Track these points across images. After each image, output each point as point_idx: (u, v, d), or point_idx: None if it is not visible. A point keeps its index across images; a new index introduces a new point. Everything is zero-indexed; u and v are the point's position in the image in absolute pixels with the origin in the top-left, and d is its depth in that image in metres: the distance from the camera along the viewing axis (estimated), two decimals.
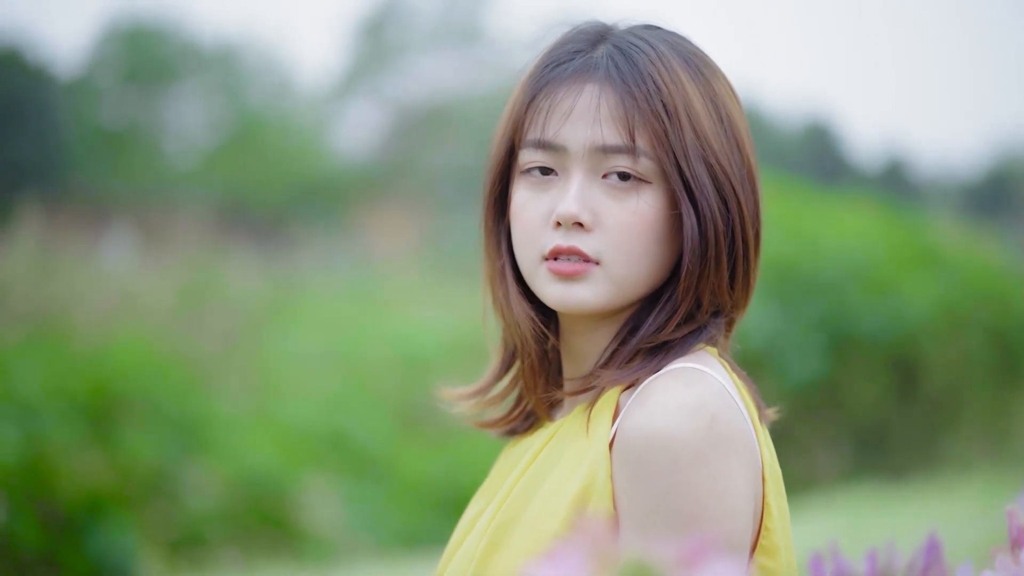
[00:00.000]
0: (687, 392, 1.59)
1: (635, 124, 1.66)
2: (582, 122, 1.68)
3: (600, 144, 1.67)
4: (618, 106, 1.67)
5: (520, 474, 1.72)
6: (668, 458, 1.54)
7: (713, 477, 1.55)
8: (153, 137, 25.31)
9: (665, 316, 1.70)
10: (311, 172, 25.46)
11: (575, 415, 1.71)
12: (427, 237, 21.98)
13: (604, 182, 1.68)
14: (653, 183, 1.67)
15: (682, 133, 1.66)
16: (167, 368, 7.73)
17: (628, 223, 1.66)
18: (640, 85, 1.67)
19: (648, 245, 1.67)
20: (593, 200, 1.67)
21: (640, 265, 1.68)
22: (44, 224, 9.37)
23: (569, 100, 1.69)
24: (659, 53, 1.70)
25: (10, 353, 7.39)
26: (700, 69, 1.71)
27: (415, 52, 29.55)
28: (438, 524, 8.31)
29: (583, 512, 1.59)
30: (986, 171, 28.29)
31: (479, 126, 28.97)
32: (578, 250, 1.66)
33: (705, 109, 1.68)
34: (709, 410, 1.57)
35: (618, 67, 1.68)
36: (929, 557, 1.25)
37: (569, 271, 1.67)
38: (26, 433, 6.76)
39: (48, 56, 22.93)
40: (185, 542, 7.13)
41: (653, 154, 1.66)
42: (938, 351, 9.80)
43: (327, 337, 9.79)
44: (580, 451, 1.66)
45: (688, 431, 1.55)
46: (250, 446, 7.61)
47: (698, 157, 1.66)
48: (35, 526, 6.59)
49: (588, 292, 1.68)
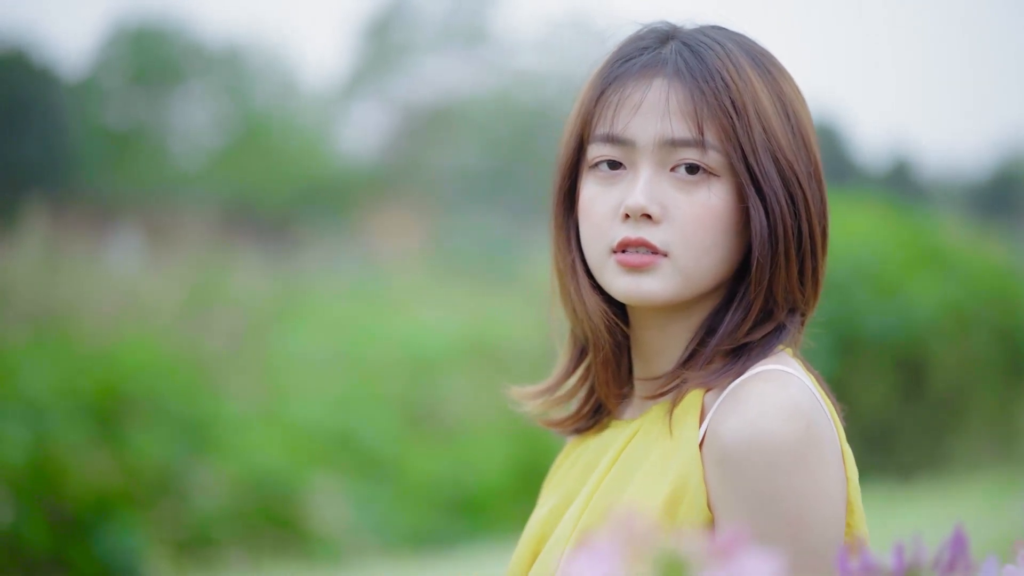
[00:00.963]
0: (782, 395, 1.61)
1: (703, 118, 1.68)
2: (651, 116, 1.69)
3: (669, 137, 1.68)
4: (687, 100, 1.68)
5: (603, 474, 1.73)
6: (769, 462, 1.57)
7: (812, 481, 1.58)
8: (158, 138, 25.34)
9: (742, 313, 1.71)
10: (316, 173, 25.49)
11: (655, 415, 1.72)
12: (432, 237, 22.00)
13: (672, 175, 1.69)
14: (721, 176, 1.69)
15: (750, 128, 1.68)
16: (174, 368, 7.75)
17: (696, 215, 1.67)
18: (709, 80, 1.69)
19: (716, 237, 1.68)
20: (662, 193, 1.68)
21: (708, 257, 1.69)
22: (50, 225, 9.38)
23: (638, 94, 1.70)
24: (727, 51, 1.72)
25: (17, 353, 7.41)
26: (768, 68, 1.73)
27: (420, 53, 29.57)
28: (444, 524, 8.32)
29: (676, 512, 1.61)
30: (991, 171, 28.29)
31: (484, 127, 29.00)
32: (647, 242, 1.67)
33: (773, 107, 1.70)
34: (804, 413, 1.60)
35: (687, 62, 1.70)
36: (955, 551, 1.25)
37: (637, 263, 1.68)
38: (34, 433, 6.77)
39: (53, 57, 22.96)
40: (193, 542, 7.14)
41: (721, 148, 1.68)
42: (945, 351, 9.80)
43: (333, 337, 9.81)
44: (665, 453, 1.67)
45: (787, 434, 1.58)
46: (257, 446, 7.62)
47: (766, 152, 1.68)
48: (43, 526, 6.60)
49: (656, 284, 1.68)
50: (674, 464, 1.64)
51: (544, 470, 8.21)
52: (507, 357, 10.07)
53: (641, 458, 1.70)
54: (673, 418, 1.67)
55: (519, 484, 8.90)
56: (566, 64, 30.18)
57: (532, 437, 9.19)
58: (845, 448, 1.66)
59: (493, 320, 10.89)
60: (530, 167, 28.23)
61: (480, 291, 12.87)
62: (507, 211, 25.80)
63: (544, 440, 9.26)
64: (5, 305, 8.08)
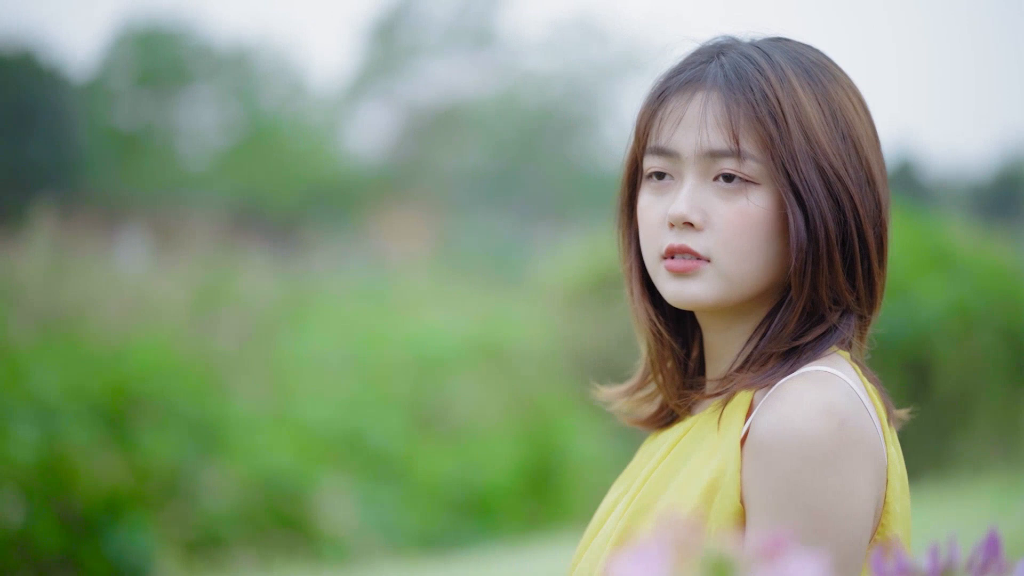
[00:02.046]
0: (818, 394, 1.68)
1: (739, 128, 1.76)
2: (691, 129, 1.78)
3: (708, 148, 1.77)
4: (723, 112, 1.77)
5: (655, 465, 1.82)
6: (797, 457, 1.65)
7: (839, 478, 1.65)
8: (166, 139, 25.37)
9: (788, 314, 1.78)
10: (324, 174, 25.51)
11: (707, 414, 1.80)
12: (439, 238, 22.01)
13: (715, 184, 1.77)
14: (761, 184, 1.77)
15: (790, 137, 1.75)
16: (183, 369, 7.77)
17: (736, 222, 1.76)
18: (746, 92, 1.77)
19: (756, 242, 1.76)
20: (704, 201, 1.77)
21: (750, 262, 1.77)
22: (58, 226, 9.39)
23: (680, 108, 1.80)
24: (772, 62, 1.79)
25: (26, 354, 7.43)
26: (818, 77, 1.80)
27: (427, 55, 29.58)
28: (453, 525, 8.34)
29: (711, 502, 1.69)
30: (996, 172, 28.26)
31: (491, 128, 28.99)
32: (688, 248, 1.77)
33: (819, 115, 1.77)
34: (838, 413, 1.67)
35: (726, 76, 1.79)
36: (988, 553, 1.27)
37: (681, 268, 1.77)
38: (44, 433, 6.80)
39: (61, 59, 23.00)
40: (201, 542, 7.16)
41: (760, 157, 1.76)
42: (950, 352, 9.81)
43: (341, 339, 9.83)
44: (712, 445, 1.75)
45: (817, 432, 1.65)
46: (266, 447, 7.65)
47: (808, 159, 1.75)
48: (53, 526, 6.63)
49: (700, 288, 1.77)
50: (716, 458, 1.72)
51: (552, 471, 8.26)
52: (514, 358, 10.10)
53: (692, 451, 1.78)
54: (722, 415, 1.76)
55: (527, 485, 8.92)
56: (572, 66, 30.18)
57: (539, 438, 9.21)
58: (890, 452, 1.74)
59: (500, 321, 10.91)
60: (536, 168, 28.23)
61: (487, 292, 12.90)
62: (513, 212, 25.81)
63: (551, 441, 9.28)
64: (14, 306, 8.11)
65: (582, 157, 29.51)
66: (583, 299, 11.19)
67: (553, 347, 10.58)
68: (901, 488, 1.74)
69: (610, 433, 10.12)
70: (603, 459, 9.76)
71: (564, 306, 11.27)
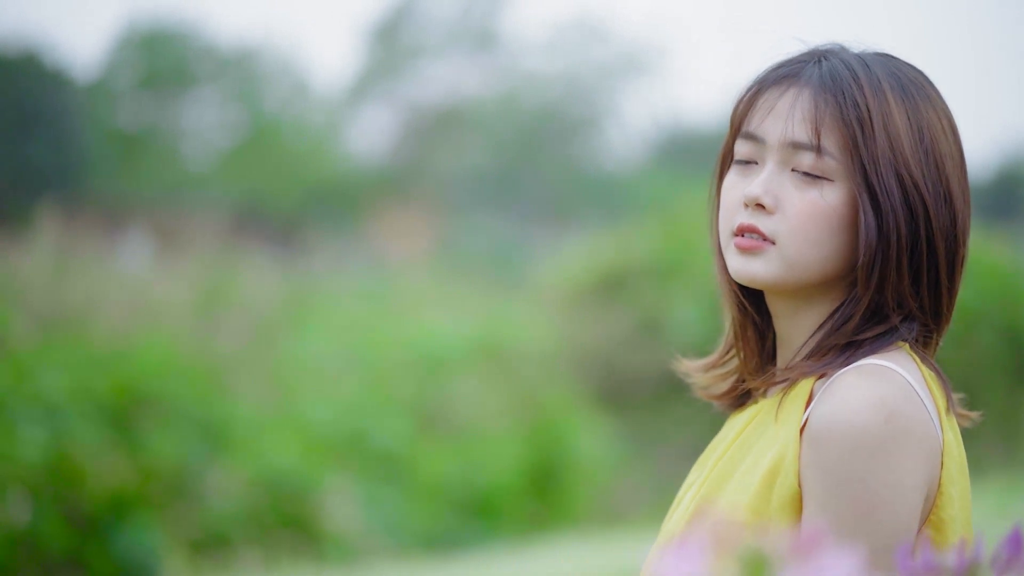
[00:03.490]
0: (868, 387, 1.79)
1: (823, 126, 1.87)
2: (780, 119, 1.90)
3: (791, 139, 1.88)
4: (811, 108, 1.88)
5: (724, 451, 1.93)
6: (848, 447, 1.76)
7: (887, 468, 1.76)
8: (169, 140, 25.38)
9: (851, 308, 1.89)
10: (326, 175, 25.51)
11: (772, 400, 1.91)
12: (440, 239, 22.03)
13: (792, 174, 1.89)
14: (836, 181, 1.87)
15: (874, 142, 1.86)
16: (188, 370, 7.80)
17: (805, 211, 1.86)
18: (836, 95, 1.88)
19: (820, 234, 1.87)
20: (779, 187, 1.88)
21: (814, 251, 1.87)
22: (61, 227, 9.41)
23: (773, 99, 1.92)
24: (869, 73, 1.90)
25: (32, 355, 7.45)
26: (912, 93, 1.91)
27: (429, 56, 29.59)
28: (456, 525, 8.37)
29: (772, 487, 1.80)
30: (995, 173, 28.27)
31: (492, 129, 28.99)
32: (756, 228, 1.88)
33: (907, 127, 1.88)
34: (887, 405, 1.77)
35: (821, 76, 1.90)
36: (1012, 550, 1.30)
37: (747, 246, 1.89)
38: (51, 434, 6.83)
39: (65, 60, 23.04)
40: (208, 542, 7.19)
41: (839, 156, 1.87)
42: (950, 352, 9.84)
43: (343, 340, 9.84)
44: (773, 434, 1.86)
45: (866, 423, 1.76)
46: (270, 447, 7.67)
47: (889, 165, 1.85)
48: (60, 526, 6.66)
49: (760, 266, 1.89)
50: (776, 445, 1.83)
51: (555, 471, 8.30)
52: (517, 358, 10.12)
53: (752, 444, 1.89)
54: (783, 403, 1.87)
55: (530, 485, 8.95)
56: (573, 66, 30.18)
57: (542, 438, 9.24)
58: (947, 439, 1.83)
59: (502, 322, 10.93)
60: (537, 169, 28.24)
61: (488, 293, 12.90)
62: (514, 213, 25.82)
63: (554, 441, 9.31)
64: (18, 307, 8.12)
65: (583, 158, 29.52)
66: (584, 300, 11.22)
67: (555, 348, 10.61)
68: (958, 471, 1.83)
69: (612, 433, 10.15)
70: (606, 459, 9.80)
71: (565, 307, 11.30)
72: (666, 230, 11.48)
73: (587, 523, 9.07)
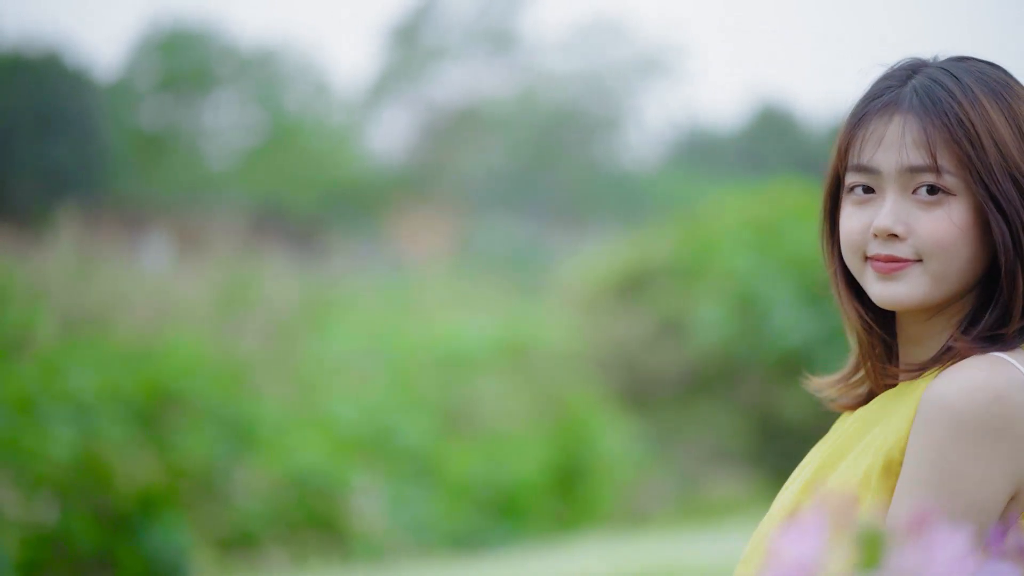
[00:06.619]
0: (980, 374, 1.88)
1: (936, 146, 1.95)
2: (892, 148, 1.98)
3: (908, 165, 1.97)
4: (920, 132, 1.96)
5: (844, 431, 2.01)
6: (945, 426, 1.85)
7: (977, 453, 1.84)
8: (190, 141, 25.45)
9: (999, 313, 1.96)
10: (346, 176, 25.56)
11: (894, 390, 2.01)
12: (459, 239, 22.07)
13: (914, 197, 1.97)
14: (958, 195, 1.95)
15: (985, 154, 1.95)
16: (214, 369, 7.83)
17: (939, 228, 1.95)
18: (940, 116, 1.96)
19: (957, 246, 1.95)
20: (906, 214, 1.96)
21: (954, 263, 1.95)
22: (84, 228, 9.46)
23: (880, 129, 2.00)
24: (962, 84, 1.99)
25: (59, 354, 7.49)
26: (1004, 95, 1.99)
27: (448, 56, 29.62)
28: (482, 524, 8.39)
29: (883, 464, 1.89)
30: None
31: (511, 130, 29.02)
32: (894, 257, 1.96)
33: (1009, 131, 1.96)
34: (992, 392, 1.86)
35: (920, 99, 1.98)
36: None
37: (887, 269, 1.97)
38: (79, 432, 6.86)
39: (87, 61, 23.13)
40: (236, 541, 7.23)
41: (957, 172, 1.95)
42: None
43: (365, 340, 9.87)
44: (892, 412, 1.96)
45: (966, 406, 1.85)
46: (297, 447, 7.71)
47: (1004, 173, 1.94)
48: (90, 524, 6.69)
49: (906, 288, 1.97)
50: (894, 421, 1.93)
51: (579, 470, 8.32)
52: (540, 358, 10.15)
53: (872, 423, 1.98)
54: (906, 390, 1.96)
55: (555, 484, 8.97)
56: (591, 67, 30.20)
57: (566, 437, 9.26)
58: None
59: (524, 322, 10.96)
60: (556, 169, 28.27)
61: (509, 293, 12.93)
62: (533, 213, 25.84)
63: (578, 440, 9.32)
64: (41, 307, 8.16)
65: (602, 158, 29.53)
66: (606, 300, 11.24)
67: (577, 348, 10.63)
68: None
69: (635, 432, 10.17)
70: (629, 458, 9.82)
71: (587, 307, 11.32)
72: (686, 230, 11.50)
73: (611, 522, 9.09)
